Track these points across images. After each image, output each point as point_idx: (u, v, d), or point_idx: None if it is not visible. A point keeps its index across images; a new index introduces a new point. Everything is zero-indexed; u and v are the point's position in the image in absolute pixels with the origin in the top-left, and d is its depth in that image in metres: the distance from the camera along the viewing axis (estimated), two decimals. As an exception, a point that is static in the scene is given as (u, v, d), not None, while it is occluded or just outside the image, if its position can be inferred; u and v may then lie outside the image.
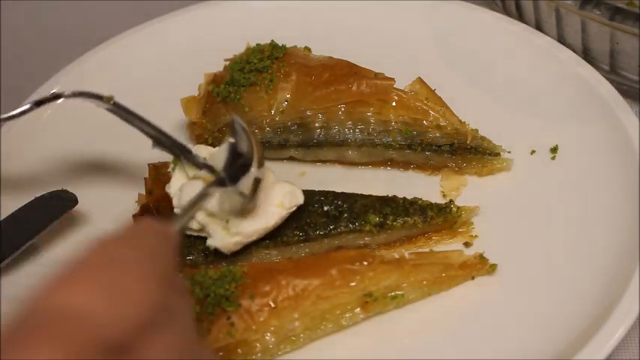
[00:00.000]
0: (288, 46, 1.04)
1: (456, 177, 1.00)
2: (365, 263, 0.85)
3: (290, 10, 1.18)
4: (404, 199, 0.94)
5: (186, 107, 1.04)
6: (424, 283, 0.87)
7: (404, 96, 0.99)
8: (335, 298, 0.84)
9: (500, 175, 0.99)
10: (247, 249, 0.90)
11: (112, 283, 0.51)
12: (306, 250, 0.92)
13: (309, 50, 1.06)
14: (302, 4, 1.18)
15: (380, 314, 0.86)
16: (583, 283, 0.85)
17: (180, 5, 1.21)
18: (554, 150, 0.99)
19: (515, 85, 1.07)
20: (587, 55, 1.07)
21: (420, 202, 0.94)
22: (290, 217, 0.91)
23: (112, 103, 0.89)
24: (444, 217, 0.93)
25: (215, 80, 1.03)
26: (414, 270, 0.86)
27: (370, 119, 1.00)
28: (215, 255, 0.90)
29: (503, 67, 1.08)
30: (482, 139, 1.00)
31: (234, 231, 0.87)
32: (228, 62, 1.05)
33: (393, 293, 0.86)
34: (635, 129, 0.95)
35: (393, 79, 1.00)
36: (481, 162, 0.99)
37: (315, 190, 0.95)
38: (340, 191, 0.95)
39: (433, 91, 1.00)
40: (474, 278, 0.88)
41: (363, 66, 1.01)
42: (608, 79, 1.01)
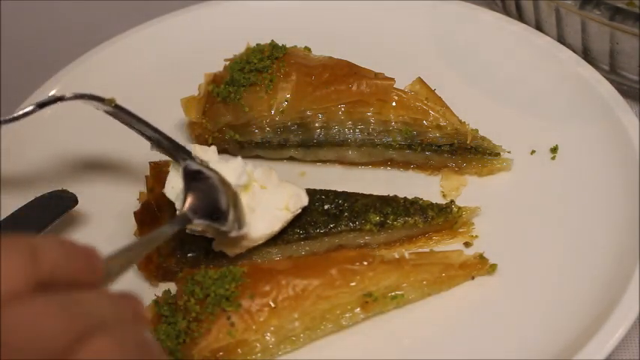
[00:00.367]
0: (288, 46, 1.04)
1: (456, 177, 1.00)
2: (365, 263, 0.85)
3: (290, 10, 1.18)
4: (405, 198, 0.94)
5: (186, 107, 1.04)
6: (424, 283, 0.87)
7: (404, 96, 0.99)
8: (335, 298, 0.84)
9: (500, 175, 0.99)
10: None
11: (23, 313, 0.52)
12: (307, 248, 0.92)
13: (309, 50, 1.06)
14: (302, 4, 1.18)
15: (380, 314, 0.86)
16: (583, 283, 0.85)
17: (180, 5, 1.21)
18: (554, 150, 0.99)
19: (515, 85, 1.07)
20: (587, 55, 1.07)
21: (420, 202, 0.94)
22: (291, 215, 0.91)
23: (113, 106, 0.88)
24: (444, 218, 0.93)
25: (215, 80, 1.03)
26: (414, 270, 0.86)
27: (370, 119, 1.00)
28: (216, 253, 0.90)
29: (503, 67, 1.08)
30: (483, 139, 1.00)
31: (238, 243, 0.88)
32: (228, 62, 1.05)
33: (393, 293, 0.86)
34: (635, 129, 0.95)
35: (393, 79, 1.00)
36: (481, 162, 0.99)
37: (316, 189, 0.95)
38: (341, 190, 0.95)
39: (433, 91, 1.00)
40: (473, 278, 0.88)
41: (363, 66, 1.01)
42: (608, 79, 1.01)
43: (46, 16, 1.35)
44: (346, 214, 0.92)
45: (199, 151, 0.91)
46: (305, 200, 0.91)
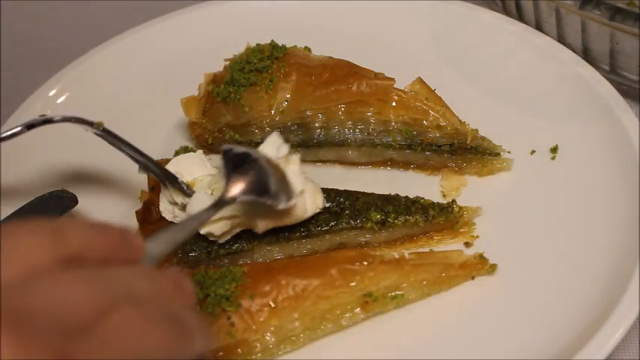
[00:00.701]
0: (288, 46, 1.04)
1: (456, 177, 1.00)
2: (365, 263, 0.85)
3: (290, 10, 1.18)
4: (406, 197, 0.94)
5: (186, 107, 1.04)
6: (424, 283, 0.87)
7: (404, 96, 0.99)
8: (335, 298, 0.84)
9: (500, 175, 0.99)
10: (249, 244, 0.90)
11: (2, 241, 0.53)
12: (308, 246, 0.92)
13: (309, 50, 1.06)
14: (302, 4, 1.18)
15: (380, 314, 0.86)
16: (583, 283, 0.85)
17: (180, 5, 1.21)
18: (554, 150, 0.99)
19: (515, 85, 1.07)
20: (587, 55, 1.07)
21: (421, 201, 0.94)
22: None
23: (101, 129, 0.89)
24: (445, 217, 0.93)
25: (215, 80, 1.03)
26: (414, 270, 0.86)
27: (370, 119, 1.00)
28: (217, 253, 0.90)
29: (503, 67, 1.09)
30: (483, 139, 1.00)
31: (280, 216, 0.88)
32: (228, 62, 1.05)
33: (393, 293, 0.86)
34: (635, 129, 0.95)
35: (393, 79, 1.00)
36: (481, 162, 0.99)
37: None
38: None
39: (433, 91, 1.00)
40: (473, 278, 0.88)
41: (363, 66, 1.01)
42: (608, 79, 1.01)
43: (46, 16, 1.35)
44: (347, 212, 0.92)
45: (182, 161, 0.91)
46: (320, 203, 0.91)
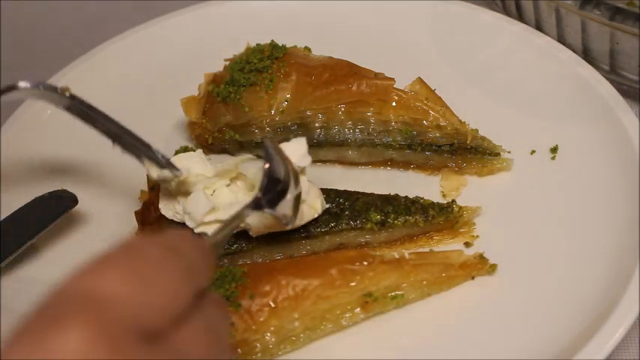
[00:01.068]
0: (288, 46, 1.04)
1: (456, 177, 1.00)
2: (365, 263, 0.85)
3: (290, 10, 1.18)
4: (406, 197, 0.94)
5: (186, 107, 1.04)
6: (424, 283, 0.87)
7: (404, 96, 0.99)
8: (335, 298, 0.84)
9: (500, 175, 0.99)
10: (249, 244, 0.90)
11: (142, 274, 0.51)
12: (308, 247, 0.92)
13: (309, 50, 1.06)
14: (302, 4, 1.18)
15: (380, 314, 0.86)
16: (583, 283, 0.85)
17: (180, 5, 1.21)
18: (554, 150, 0.99)
19: (515, 85, 1.07)
20: (587, 55, 1.07)
21: (421, 201, 0.94)
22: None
23: (68, 96, 0.82)
24: (445, 217, 0.93)
25: (215, 80, 1.03)
26: (414, 270, 0.86)
27: (370, 119, 1.00)
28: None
29: (503, 67, 1.08)
30: (483, 139, 1.00)
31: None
32: (228, 62, 1.05)
33: (393, 293, 0.86)
34: (635, 129, 0.95)
35: (393, 79, 1.00)
36: (481, 162, 0.99)
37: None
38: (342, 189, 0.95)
39: (433, 91, 1.00)
40: (474, 278, 0.88)
41: (363, 66, 1.01)
42: (608, 79, 1.01)
43: (46, 16, 1.35)
44: (347, 213, 0.92)
45: (183, 160, 0.90)
46: (319, 208, 0.91)
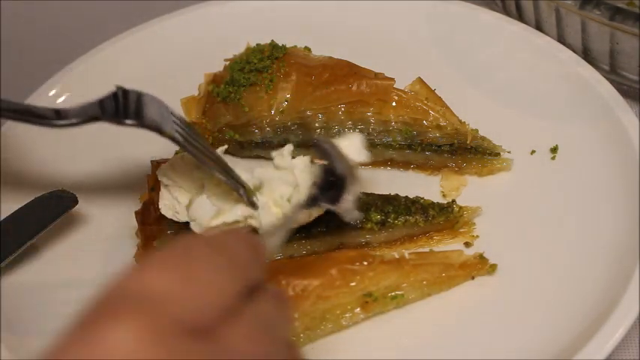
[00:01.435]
0: (288, 46, 1.04)
1: (456, 177, 1.00)
2: (365, 263, 0.85)
3: (290, 10, 1.18)
4: (406, 197, 0.94)
5: (186, 107, 1.04)
6: (424, 283, 0.87)
7: (404, 96, 0.99)
8: (335, 298, 0.84)
9: (500, 175, 0.99)
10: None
11: (190, 272, 0.51)
12: (308, 247, 0.92)
13: (309, 50, 1.06)
14: (302, 4, 1.18)
15: (380, 314, 0.86)
16: (583, 283, 0.85)
17: (180, 5, 1.21)
18: (554, 150, 0.99)
19: (515, 85, 1.06)
20: (587, 55, 1.07)
21: (421, 201, 0.94)
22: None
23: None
24: (445, 217, 0.93)
25: (215, 80, 1.03)
26: (414, 270, 0.86)
27: (370, 119, 1.00)
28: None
29: (503, 67, 1.08)
30: (483, 139, 1.00)
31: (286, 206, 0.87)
32: (228, 62, 1.05)
33: (393, 293, 0.86)
34: (635, 129, 0.95)
35: (393, 79, 1.00)
36: (481, 162, 0.99)
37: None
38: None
39: (433, 91, 1.00)
40: (474, 278, 0.88)
41: (363, 66, 1.01)
42: (608, 79, 1.01)
43: (46, 16, 1.35)
44: (347, 213, 0.92)
45: (182, 162, 0.90)
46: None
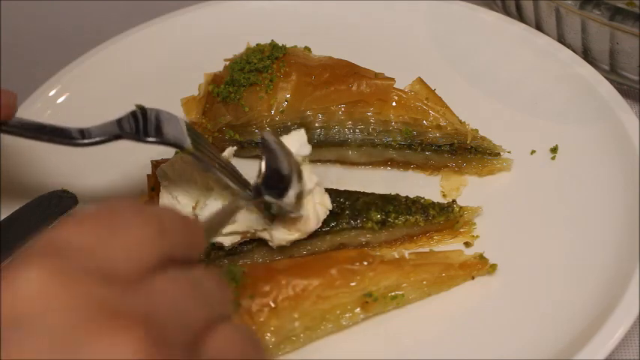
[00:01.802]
0: (288, 46, 1.04)
1: (456, 177, 1.00)
2: (365, 263, 0.85)
3: (290, 10, 1.18)
4: (406, 197, 0.94)
5: (186, 107, 1.04)
6: (424, 283, 0.87)
7: (404, 96, 0.99)
8: (335, 298, 0.84)
9: (500, 175, 0.99)
10: (249, 244, 0.90)
11: (110, 228, 0.51)
12: (308, 247, 0.92)
13: (309, 50, 1.06)
14: (302, 4, 1.18)
15: (380, 314, 0.86)
16: (583, 283, 0.85)
17: (180, 5, 1.21)
18: (554, 150, 0.99)
19: (515, 85, 1.07)
20: (587, 55, 1.07)
21: (422, 200, 0.94)
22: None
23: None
24: (445, 217, 0.93)
25: (215, 80, 1.03)
26: (414, 270, 0.86)
27: (370, 119, 1.00)
28: (216, 253, 0.90)
29: (503, 67, 1.08)
30: (483, 139, 1.00)
31: (295, 228, 0.88)
32: (228, 62, 1.05)
33: (393, 293, 0.86)
34: (635, 129, 0.95)
35: (393, 79, 1.00)
36: (481, 162, 0.99)
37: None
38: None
39: (433, 91, 1.00)
40: (474, 278, 0.88)
41: (363, 66, 1.01)
42: (608, 79, 1.01)
43: (46, 16, 1.35)
44: (347, 212, 0.92)
45: (182, 162, 0.90)
46: (329, 204, 0.91)
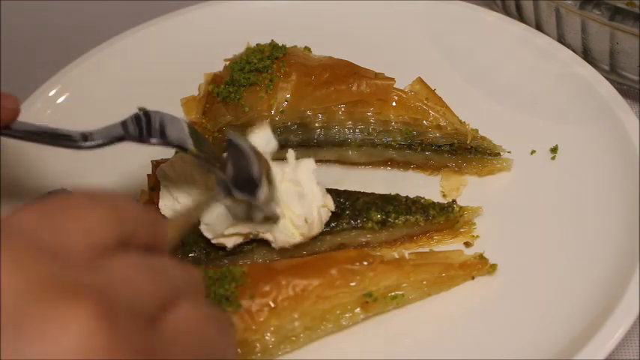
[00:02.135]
0: (288, 46, 1.04)
1: (456, 177, 1.00)
2: (365, 263, 0.85)
3: (290, 10, 1.18)
4: (406, 197, 0.94)
5: (186, 107, 1.04)
6: (424, 283, 0.87)
7: (404, 96, 0.99)
8: (335, 298, 0.84)
9: (500, 175, 0.99)
10: (249, 244, 0.90)
11: (55, 209, 0.51)
12: (308, 247, 0.92)
13: (309, 50, 1.06)
14: (302, 4, 1.18)
15: (380, 314, 0.86)
16: (583, 283, 0.85)
17: (180, 5, 1.21)
18: (554, 150, 0.99)
19: (515, 85, 1.07)
20: (587, 55, 1.07)
21: (422, 200, 0.94)
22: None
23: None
24: (445, 217, 0.93)
25: (215, 80, 1.03)
26: (414, 270, 0.86)
27: (370, 119, 1.00)
28: (216, 253, 0.90)
29: (503, 67, 1.08)
30: (483, 139, 1.00)
31: (304, 227, 0.88)
32: (228, 62, 1.05)
33: (393, 293, 0.86)
34: (635, 129, 0.95)
35: (393, 79, 1.00)
36: (481, 162, 0.99)
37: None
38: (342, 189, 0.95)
39: (433, 91, 1.00)
40: (474, 278, 0.88)
41: (363, 66, 1.01)
42: (608, 79, 1.01)
43: (46, 16, 1.35)
44: (348, 212, 0.92)
45: (181, 162, 0.90)
46: (332, 206, 0.91)
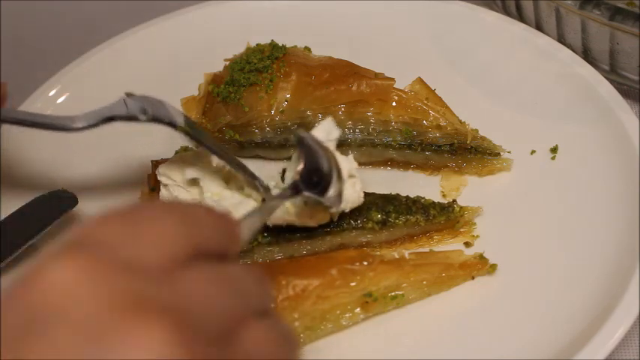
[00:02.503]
0: (288, 46, 1.04)
1: (456, 177, 1.00)
2: (365, 263, 0.85)
3: (290, 10, 1.18)
4: (407, 197, 0.94)
5: (186, 107, 1.04)
6: (424, 283, 0.87)
7: (404, 96, 0.99)
8: (335, 298, 0.84)
9: (500, 175, 0.99)
10: (249, 244, 0.90)
11: (138, 224, 0.50)
12: (308, 247, 0.92)
13: (309, 50, 1.06)
14: (302, 4, 1.18)
15: (380, 314, 0.86)
16: (583, 283, 0.85)
17: (180, 5, 1.21)
18: (554, 150, 0.99)
19: (515, 85, 1.07)
20: (587, 55, 1.07)
21: (422, 200, 0.94)
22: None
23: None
24: (446, 217, 0.93)
25: (215, 80, 1.03)
26: (414, 270, 0.86)
27: (370, 119, 1.00)
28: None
29: (503, 67, 1.08)
30: (483, 139, 1.00)
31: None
32: (228, 62, 1.05)
33: (393, 293, 0.86)
34: (635, 129, 0.95)
35: (393, 79, 1.00)
36: (481, 162, 0.99)
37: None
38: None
39: (433, 91, 1.00)
40: (474, 278, 0.88)
41: (363, 66, 1.01)
42: (608, 79, 1.01)
43: (46, 16, 1.35)
44: (348, 212, 0.92)
45: (181, 161, 0.90)
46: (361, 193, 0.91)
